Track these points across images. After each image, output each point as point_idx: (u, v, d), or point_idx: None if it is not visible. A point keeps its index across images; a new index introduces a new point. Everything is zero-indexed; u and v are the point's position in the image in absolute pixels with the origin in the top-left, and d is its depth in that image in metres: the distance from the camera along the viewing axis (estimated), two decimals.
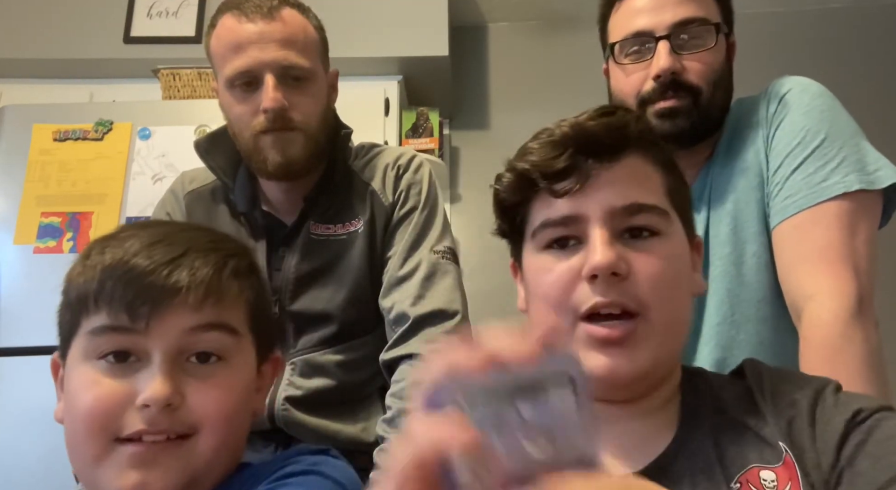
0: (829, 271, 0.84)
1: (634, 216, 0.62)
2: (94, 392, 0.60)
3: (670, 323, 0.62)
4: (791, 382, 0.63)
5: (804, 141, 0.92)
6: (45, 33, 2.27)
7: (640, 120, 0.68)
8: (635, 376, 0.60)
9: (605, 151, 0.64)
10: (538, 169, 0.64)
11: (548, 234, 0.64)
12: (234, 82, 1.03)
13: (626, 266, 0.60)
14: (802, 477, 0.56)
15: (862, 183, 0.88)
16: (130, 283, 0.61)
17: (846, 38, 2.56)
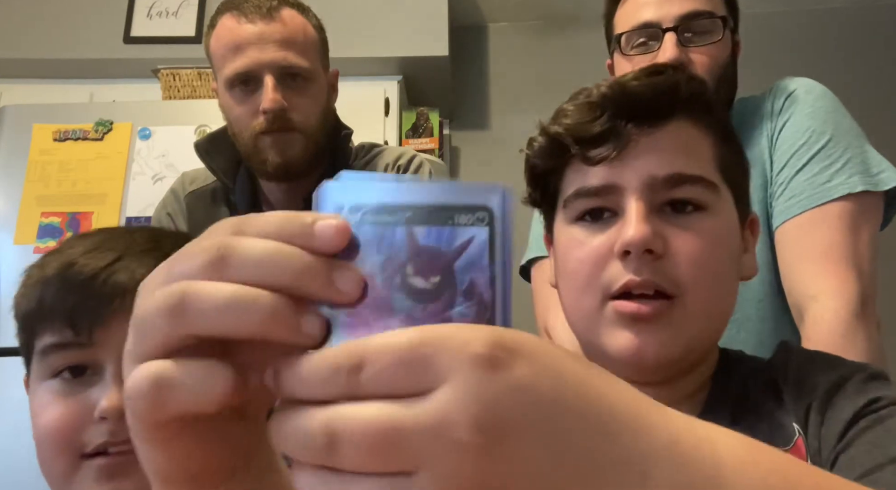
0: (833, 272, 0.84)
1: (677, 188, 0.56)
2: (50, 412, 0.59)
3: (709, 309, 0.56)
4: (819, 367, 0.58)
5: (809, 142, 0.92)
6: (45, 33, 2.26)
7: (693, 81, 0.61)
8: (663, 361, 0.55)
9: (648, 115, 0.58)
10: (572, 133, 0.59)
11: (580, 205, 0.59)
12: (234, 83, 1.03)
13: (662, 243, 0.55)
14: (809, 461, 0.52)
15: (866, 184, 0.88)
16: (68, 296, 0.59)
17: (846, 38, 2.56)
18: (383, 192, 0.28)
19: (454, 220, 0.28)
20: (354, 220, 0.28)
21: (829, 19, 2.61)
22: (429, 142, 2.34)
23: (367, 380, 0.23)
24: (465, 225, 0.28)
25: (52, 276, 0.60)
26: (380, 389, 0.23)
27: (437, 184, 0.29)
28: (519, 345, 0.24)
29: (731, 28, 1.00)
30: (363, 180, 0.29)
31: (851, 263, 0.85)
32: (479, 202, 0.28)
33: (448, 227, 0.28)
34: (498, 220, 0.28)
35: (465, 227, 0.28)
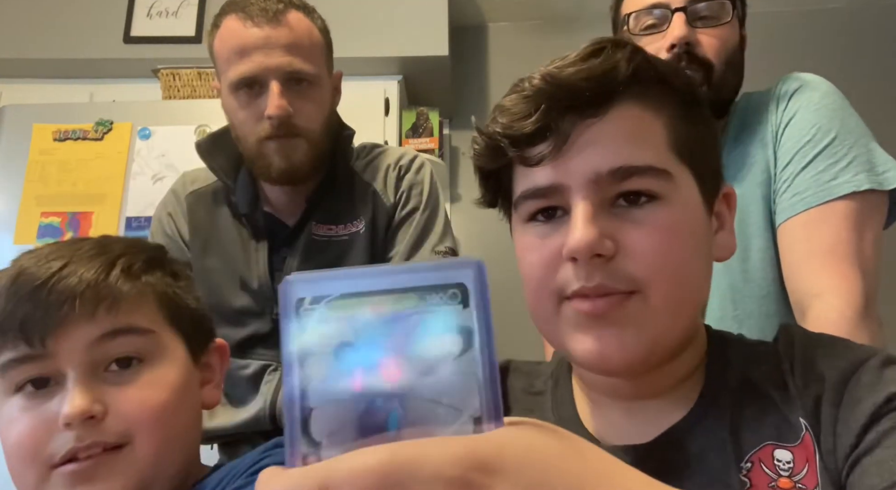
0: (837, 270, 0.84)
1: (625, 181, 0.52)
2: (16, 427, 0.59)
3: (673, 301, 0.52)
4: (826, 353, 0.54)
5: (815, 138, 0.92)
6: (45, 33, 2.26)
7: (636, 56, 0.54)
8: (629, 361, 0.52)
9: (587, 104, 0.53)
10: (507, 133, 0.54)
11: (529, 207, 0.56)
12: (238, 86, 1.02)
13: (611, 244, 0.51)
14: (820, 460, 0.50)
15: (871, 183, 0.88)
16: (17, 309, 0.59)
17: (846, 38, 2.56)
18: (347, 281, 0.27)
19: (426, 301, 0.26)
20: (317, 313, 0.26)
21: (829, 19, 2.61)
22: (429, 142, 2.34)
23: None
24: (437, 306, 0.26)
25: (1, 290, 0.60)
26: None
27: (404, 266, 0.27)
28: (499, 461, 0.23)
29: (738, 16, 1.00)
30: (325, 274, 0.27)
31: (856, 262, 0.85)
32: (450, 280, 0.27)
33: (419, 311, 0.26)
34: (473, 297, 0.27)
35: (437, 307, 0.26)
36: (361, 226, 1.10)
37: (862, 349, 0.54)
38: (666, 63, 0.57)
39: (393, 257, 1.09)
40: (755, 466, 0.50)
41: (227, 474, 0.64)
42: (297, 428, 0.25)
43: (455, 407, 0.26)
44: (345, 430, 0.25)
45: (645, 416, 0.56)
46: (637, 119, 0.54)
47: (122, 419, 0.59)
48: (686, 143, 0.55)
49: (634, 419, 0.56)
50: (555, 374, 0.65)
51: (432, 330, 0.26)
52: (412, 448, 0.23)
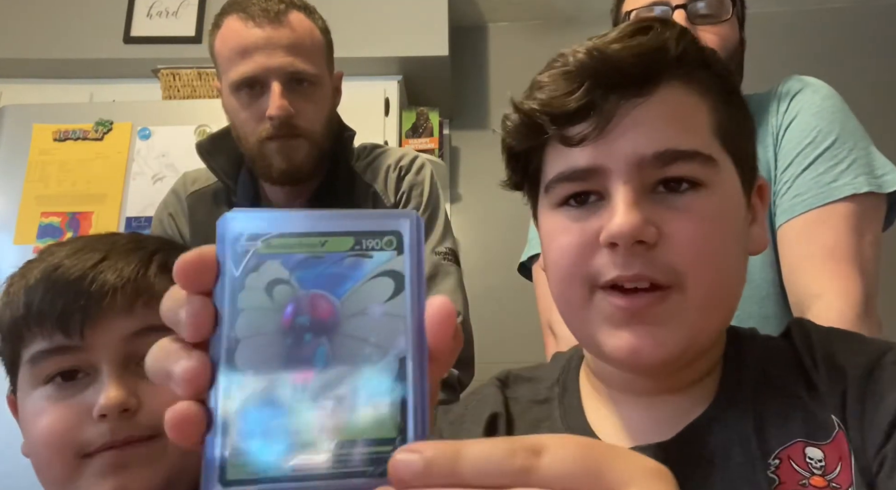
0: (837, 272, 0.84)
1: (669, 166, 0.49)
2: (46, 417, 0.58)
3: (713, 294, 0.50)
4: (844, 348, 0.53)
5: (815, 141, 0.92)
6: (45, 33, 2.26)
7: (684, 37, 0.52)
8: (663, 360, 0.49)
9: (634, 84, 0.50)
10: (546, 109, 0.51)
11: (563, 190, 0.53)
12: (240, 87, 1.02)
13: (655, 231, 0.48)
14: (854, 458, 0.48)
15: (871, 185, 0.88)
16: (56, 299, 0.58)
17: (846, 38, 2.56)
18: (284, 221, 0.27)
19: (361, 245, 0.27)
20: (253, 248, 0.27)
21: (829, 19, 2.61)
22: (429, 142, 2.34)
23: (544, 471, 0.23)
24: (372, 250, 0.27)
25: (37, 282, 0.60)
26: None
27: (344, 211, 0.28)
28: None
29: (738, 16, 1.00)
30: (264, 213, 0.28)
31: (856, 263, 0.85)
32: (387, 227, 0.27)
33: (353, 253, 0.27)
34: (407, 246, 0.27)
35: (372, 251, 0.27)
36: None
37: (876, 343, 0.53)
38: (709, 48, 0.55)
39: None
40: (784, 463, 0.48)
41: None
42: (222, 358, 0.26)
43: (382, 346, 0.26)
44: (270, 363, 0.26)
45: (663, 413, 0.54)
46: (683, 102, 0.52)
47: (154, 414, 0.59)
48: (729, 129, 0.53)
49: (653, 416, 0.55)
50: (561, 379, 0.63)
51: (365, 272, 0.27)
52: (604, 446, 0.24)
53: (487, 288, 2.07)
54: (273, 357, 0.26)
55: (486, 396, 0.63)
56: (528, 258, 1.13)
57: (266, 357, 0.26)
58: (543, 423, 0.60)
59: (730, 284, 0.53)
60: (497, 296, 2.04)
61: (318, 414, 0.26)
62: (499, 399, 0.62)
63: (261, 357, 0.26)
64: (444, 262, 1.08)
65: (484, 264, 2.17)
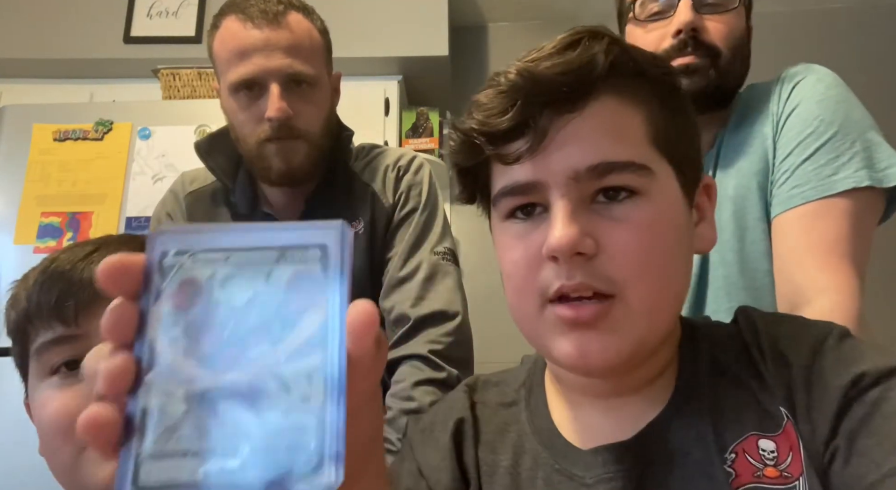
0: (839, 268, 0.84)
1: (605, 177, 0.51)
2: (52, 405, 0.59)
3: (654, 301, 0.52)
4: (788, 336, 0.54)
5: (817, 131, 0.90)
6: (45, 33, 2.26)
7: (613, 47, 0.53)
8: (611, 364, 0.51)
9: (564, 99, 0.51)
10: (482, 130, 0.53)
11: (508, 204, 0.54)
12: (238, 88, 1.02)
13: (592, 243, 0.50)
14: (803, 447, 0.50)
15: (871, 180, 0.87)
16: (52, 289, 0.60)
17: (846, 38, 2.56)
18: (211, 236, 0.28)
19: (286, 258, 0.27)
20: (179, 263, 0.28)
21: (829, 19, 2.61)
22: (429, 142, 2.34)
23: None
24: (296, 262, 0.27)
25: (35, 280, 0.62)
26: None
27: (269, 225, 0.28)
28: None
29: (745, 5, 0.99)
30: (192, 228, 0.29)
31: (854, 261, 0.85)
32: (313, 240, 0.28)
33: (278, 266, 0.27)
34: (332, 257, 0.27)
35: (296, 264, 0.27)
36: (360, 227, 1.10)
37: (818, 326, 0.55)
38: (644, 53, 0.56)
39: (392, 258, 1.09)
40: (739, 457, 0.50)
41: None
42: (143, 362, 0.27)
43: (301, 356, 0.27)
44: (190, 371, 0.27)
45: (624, 414, 0.56)
46: (616, 113, 0.53)
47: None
48: (666, 135, 0.54)
49: (614, 417, 0.56)
50: (527, 382, 0.64)
51: (288, 285, 0.27)
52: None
53: (487, 288, 2.07)
54: (193, 366, 0.27)
55: (454, 402, 0.65)
56: None
57: (186, 365, 0.27)
58: (511, 426, 0.61)
59: (671, 288, 0.54)
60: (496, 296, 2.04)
61: (233, 422, 0.26)
62: (465, 404, 0.63)
63: (181, 365, 0.27)
64: (442, 262, 1.08)
65: (483, 264, 2.17)
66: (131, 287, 0.28)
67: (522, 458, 0.58)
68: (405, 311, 1.03)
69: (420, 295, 1.04)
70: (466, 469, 0.60)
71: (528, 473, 0.57)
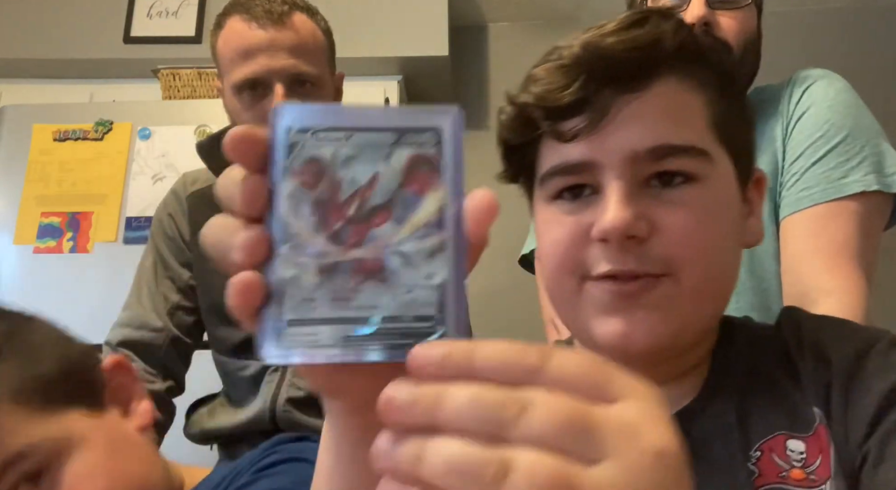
0: (846, 270, 0.84)
1: (663, 160, 0.49)
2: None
3: (706, 284, 0.50)
4: (833, 337, 0.52)
5: (827, 135, 0.91)
6: (45, 33, 2.26)
7: (682, 29, 0.52)
8: (654, 346, 0.49)
9: (628, 78, 0.50)
10: (540, 103, 0.51)
11: (556, 184, 0.53)
12: (242, 88, 1.02)
13: (646, 226, 0.48)
14: (834, 451, 0.48)
15: (880, 184, 0.88)
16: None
17: (846, 38, 2.56)
18: (332, 115, 0.29)
19: (403, 139, 0.29)
20: (302, 140, 0.29)
21: (829, 19, 2.61)
22: None
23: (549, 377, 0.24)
24: (413, 144, 0.29)
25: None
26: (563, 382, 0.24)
27: (387, 108, 0.31)
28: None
29: (757, 4, 0.99)
30: (313, 106, 0.30)
31: (861, 263, 0.85)
32: (428, 123, 0.29)
33: (396, 147, 0.28)
34: (447, 142, 0.29)
35: (413, 145, 0.29)
36: None
37: (868, 331, 0.53)
38: (708, 39, 0.56)
39: None
40: (764, 455, 0.49)
41: (229, 473, 0.63)
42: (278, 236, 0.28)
43: (424, 233, 0.28)
44: (322, 244, 0.28)
45: None
46: (678, 96, 0.51)
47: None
48: (725, 123, 0.53)
49: None
50: None
51: (407, 164, 0.29)
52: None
53: (487, 288, 2.07)
54: (322, 241, 0.28)
55: None
56: (530, 251, 1.12)
57: (316, 241, 0.28)
58: None
59: (722, 276, 0.53)
60: (497, 296, 2.04)
61: (364, 291, 0.28)
62: None
63: (312, 240, 0.28)
64: None
65: (484, 264, 2.17)
66: (258, 160, 0.28)
67: None
68: None
69: None
70: None
71: None
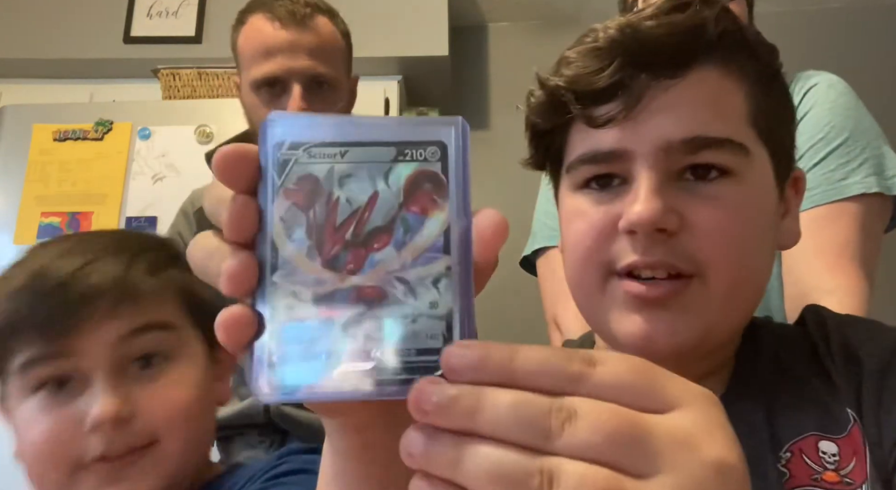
0: (847, 270, 0.84)
1: (698, 153, 0.47)
2: (37, 428, 0.57)
3: (735, 289, 0.48)
4: (861, 336, 0.50)
5: (828, 136, 0.91)
6: (45, 33, 2.26)
7: (725, 16, 0.49)
8: (676, 348, 0.47)
9: (667, 64, 0.48)
10: (573, 87, 0.49)
11: (585, 172, 0.51)
12: (260, 85, 1.05)
13: (677, 219, 0.46)
14: (869, 453, 0.46)
15: (880, 186, 0.88)
16: (39, 306, 0.57)
17: (846, 38, 2.56)
18: (327, 128, 0.27)
19: (404, 155, 0.26)
20: (295, 158, 0.27)
21: (829, 19, 2.61)
22: None
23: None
24: (415, 160, 0.26)
25: (21, 288, 0.58)
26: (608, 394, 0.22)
27: (385, 119, 0.28)
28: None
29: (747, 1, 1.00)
30: (306, 119, 0.27)
31: (863, 264, 0.85)
32: (431, 137, 0.27)
33: (396, 162, 0.26)
34: (452, 156, 0.27)
35: (415, 162, 0.26)
36: None
37: (893, 332, 0.51)
38: (752, 29, 0.53)
39: None
40: (795, 457, 0.47)
41: (241, 478, 0.63)
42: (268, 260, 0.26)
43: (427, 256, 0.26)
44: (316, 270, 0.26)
45: None
46: (718, 85, 0.49)
47: (149, 419, 0.58)
48: (765, 118, 0.50)
49: None
50: None
51: (409, 182, 0.26)
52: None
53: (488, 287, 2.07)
54: (318, 264, 0.26)
55: None
56: (532, 252, 1.12)
57: (311, 267, 0.26)
58: None
59: (754, 278, 0.50)
60: (498, 295, 2.04)
61: (364, 322, 0.26)
62: None
63: (306, 267, 0.26)
64: None
65: None
66: (249, 181, 0.26)
67: None
68: None
69: None
70: None
71: None
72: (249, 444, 1.01)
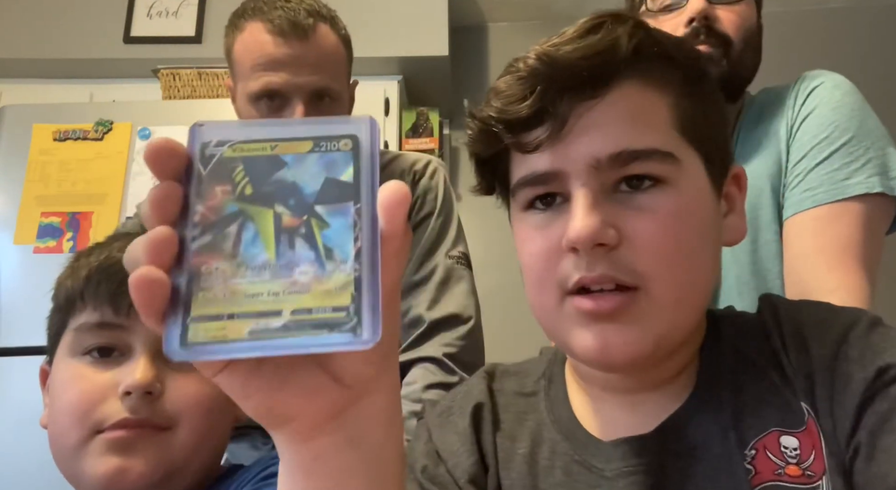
0: (849, 270, 0.84)
1: (627, 166, 0.49)
2: (79, 385, 0.62)
3: (681, 295, 0.50)
4: (813, 322, 0.52)
5: (832, 136, 0.91)
6: (45, 33, 2.26)
7: (638, 31, 0.51)
8: (633, 358, 0.49)
9: (586, 85, 0.49)
10: (500, 118, 0.51)
11: (527, 194, 0.53)
12: (260, 97, 1.00)
13: (615, 233, 0.48)
14: (825, 445, 0.48)
15: (883, 187, 0.88)
16: (113, 278, 0.62)
17: (846, 38, 2.56)
18: (248, 129, 0.30)
19: (319, 147, 0.30)
20: (220, 152, 0.30)
21: (829, 19, 2.61)
22: (429, 142, 2.34)
23: None
24: (329, 151, 0.30)
25: (100, 262, 0.64)
26: None
27: (304, 120, 0.31)
28: None
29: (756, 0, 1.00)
30: (230, 123, 0.31)
31: (865, 264, 0.85)
32: (344, 131, 0.30)
33: (312, 153, 0.29)
34: (364, 146, 0.30)
35: (329, 152, 0.30)
36: None
37: (845, 313, 0.52)
38: (670, 37, 0.54)
39: (408, 261, 1.09)
40: (759, 453, 0.49)
41: (236, 479, 0.64)
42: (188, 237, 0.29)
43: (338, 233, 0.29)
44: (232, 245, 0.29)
45: (645, 408, 0.54)
46: (640, 99, 0.51)
47: (173, 403, 0.62)
48: (693, 122, 0.52)
49: (635, 412, 0.55)
50: (547, 372, 0.64)
51: (323, 170, 0.30)
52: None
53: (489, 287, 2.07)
54: (235, 241, 0.29)
55: (472, 388, 0.64)
56: None
57: (228, 241, 0.29)
58: (529, 414, 0.61)
59: (697, 282, 0.52)
60: (497, 295, 2.04)
61: (275, 286, 0.28)
62: (483, 390, 0.63)
63: (224, 240, 0.29)
64: (457, 266, 1.09)
65: (485, 264, 2.17)
66: (176, 170, 0.29)
67: (540, 447, 0.57)
68: (420, 313, 1.03)
69: (435, 298, 1.05)
70: (485, 454, 0.59)
71: (545, 462, 0.56)
72: (254, 446, 1.01)
